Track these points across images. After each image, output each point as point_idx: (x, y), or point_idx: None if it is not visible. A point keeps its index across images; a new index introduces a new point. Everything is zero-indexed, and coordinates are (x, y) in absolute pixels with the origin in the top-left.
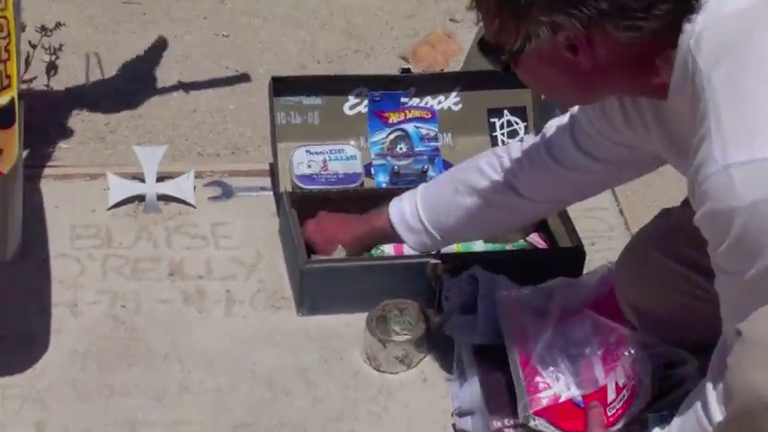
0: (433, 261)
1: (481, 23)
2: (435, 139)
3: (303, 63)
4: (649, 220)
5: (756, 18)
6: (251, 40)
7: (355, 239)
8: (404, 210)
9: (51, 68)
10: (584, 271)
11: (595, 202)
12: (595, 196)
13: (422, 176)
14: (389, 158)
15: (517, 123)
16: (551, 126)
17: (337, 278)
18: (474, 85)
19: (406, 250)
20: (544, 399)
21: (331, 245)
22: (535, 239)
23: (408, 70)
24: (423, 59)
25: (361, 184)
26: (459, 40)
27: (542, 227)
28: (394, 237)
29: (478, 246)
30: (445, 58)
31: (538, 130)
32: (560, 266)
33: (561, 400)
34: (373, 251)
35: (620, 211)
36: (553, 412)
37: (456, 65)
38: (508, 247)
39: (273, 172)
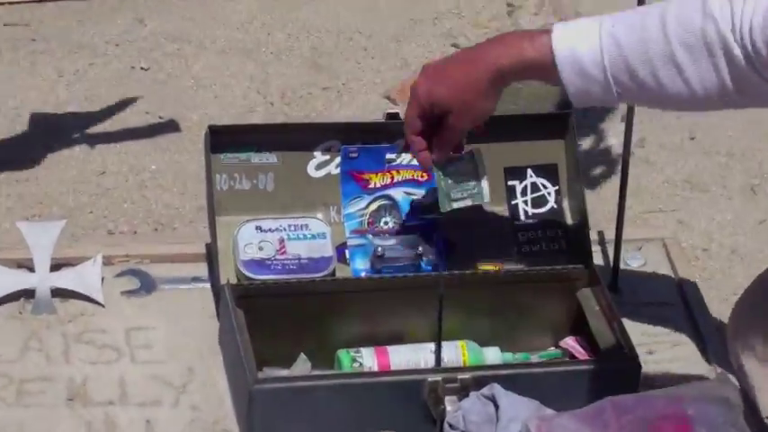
0: (432, 378)
1: None
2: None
3: (252, 106)
4: (728, 317)
5: None
6: (180, 76)
7: (493, 74)
8: (578, 44)
9: None
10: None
11: (655, 291)
12: (658, 287)
13: (415, 261)
14: (371, 237)
15: (545, 187)
16: None
17: (299, 403)
18: (489, 137)
19: (395, 363)
20: None
21: (466, 90)
22: (571, 345)
23: (396, 115)
24: None
25: (333, 273)
26: None
27: (579, 327)
28: (549, 75)
29: (492, 355)
30: None
31: (573, 193)
32: (606, 383)
33: None
34: (345, 361)
35: (687, 306)
36: None
37: None
38: (534, 357)
39: (211, 256)
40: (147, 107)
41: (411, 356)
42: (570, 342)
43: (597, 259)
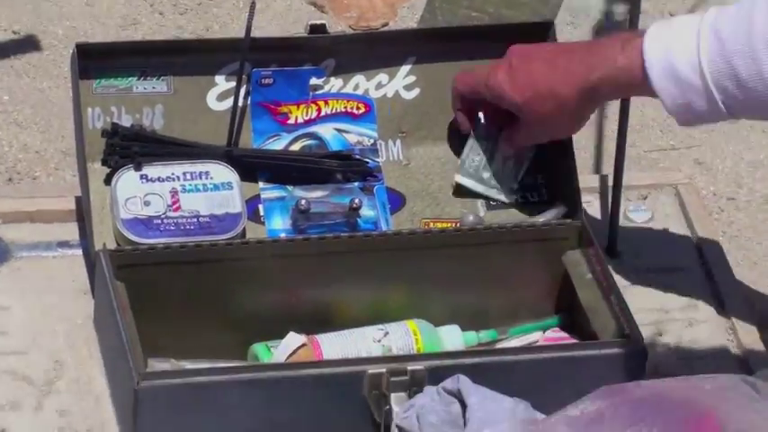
0: (373, 370)
1: None
2: (373, 150)
3: (135, 17)
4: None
5: None
6: None
7: (582, 93)
8: (672, 42)
9: None
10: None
11: (665, 254)
12: (669, 248)
13: (350, 218)
14: (291, 188)
15: None
16: None
17: (200, 404)
18: (443, 52)
19: (326, 353)
20: None
21: (545, 103)
22: (554, 339)
23: (323, 27)
24: (349, 8)
25: (242, 234)
26: None
27: (566, 301)
28: (642, 88)
29: (450, 336)
30: (390, 4)
31: None
32: (602, 373)
33: None
34: (258, 351)
35: (708, 273)
36: None
37: (409, 16)
38: (506, 340)
39: (83, 214)
40: None
41: (350, 349)
42: (552, 336)
43: (590, 213)
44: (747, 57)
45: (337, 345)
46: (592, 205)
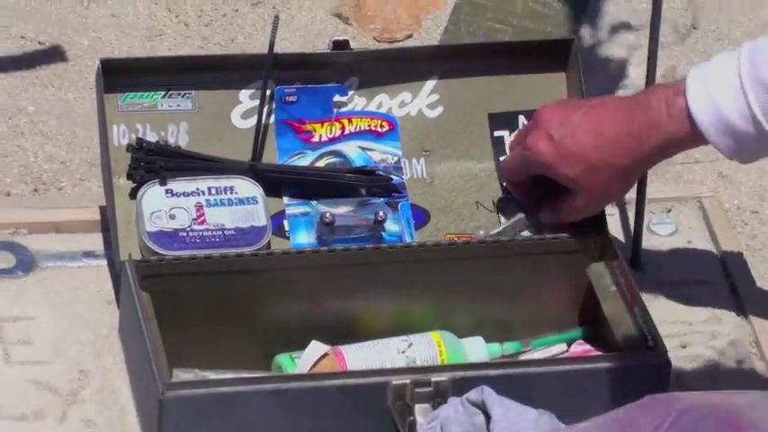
0: (398, 381)
1: None
2: (398, 168)
3: (160, 28)
4: None
5: None
6: None
7: (638, 163)
8: (720, 103)
9: None
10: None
11: (689, 267)
12: (692, 261)
13: (375, 231)
14: (315, 203)
15: None
16: None
17: (224, 415)
18: (465, 69)
19: (350, 364)
20: None
21: (601, 175)
22: (581, 352)
23: (346, 43)
24: (374, 19)
25: (268, 246)
26: None
27: (590, 313)
28: (700, 143)
29: (474, 348)
30: (414, 16)
31: None
32: (627, 386)
33: None
34: (282, 362)
35: (732, 286)
36: None
37: (435, 29)
38: (530, 352)
39: (108, 225)
40: (22, 30)
41: (374, 360)
42: (578, 349)
43: (613, 226)
44: None
45: (361, 356)
46: (615, 218)
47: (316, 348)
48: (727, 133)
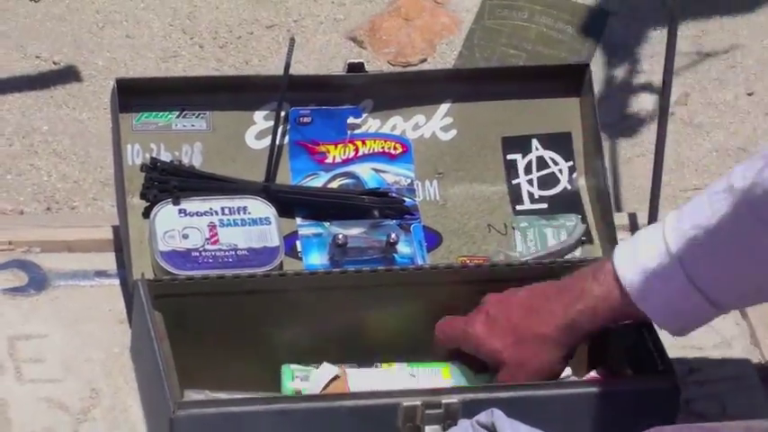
0: (408, 402)
1: None
2: (411, 190)
3: (175, 50)
4: None
5: None
6: (81, 9)
7: (563, 329)
8: (647, 265)
9: None
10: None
11: None
12: None
13: (387, 253)
14: (328, 224)
15: (555, 163)
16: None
17: None
18: (479, 93)
19: (353, 384)
20: None
21: (527, 347)
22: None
23: (361, 66)
24: (388, 43)
25: (280, 267)
26: (453, 8)
27: (600, 337)
28: (625, 311)
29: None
30: (429, 40)
31: (592, 170)
32: (635, 409)
33: None
34: (287, 384)
35: (741, 312)
36: None
37: (449, 53)
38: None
39: (120, 244)
40: (37, 49)
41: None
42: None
43: None
44: (728, 280)
45: (366, 382)
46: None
47: (327, 370)
48: (653, 291)
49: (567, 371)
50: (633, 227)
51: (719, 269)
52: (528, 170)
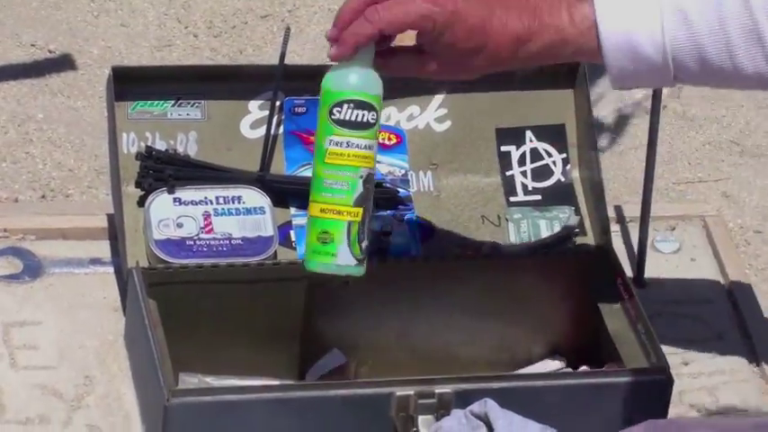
0: (401, 392)
1: None
2: (404, 181)
3: (169, 38)
4: None
5: None
6: None
7: (515, 49)
8: (632, 24)
9: None
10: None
11: (692, 285)
12: (695, 279)
13: (381, 244)
14: None
15: (549, 155)
16: None
17: (228, 422)
18: (473, 84)
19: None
20: None
21: (471, 38)
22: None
23: None
24: None
25: (274, 256)
26: None
27: (593, 330)
28: (588, 56)
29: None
30: None
31: (586, 162)
32: (629, 401)
33: None
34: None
35: (734, 305)
36: None
37: None
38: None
39: (116, 233)
40: (32, 38)
41: None
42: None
43: (617, 244)
44: (717, 39)
45: None
46: (619, 235)
47: (336, 357)
48: (628, 55)
49: (560, 363)
50: (623, 220)
51: (707, 68)
52: (522, 162)
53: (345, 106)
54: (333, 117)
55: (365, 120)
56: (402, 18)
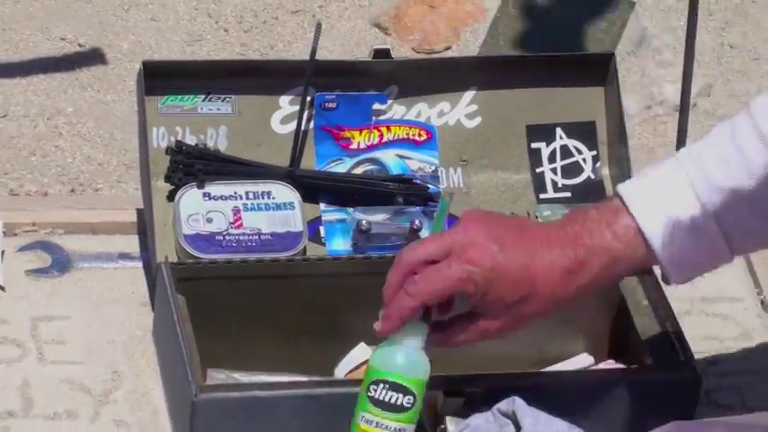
0: (431, 392)
1: None
2: (434, 177)
3: (200, 33)
4: None
5: None
6: None
7: (566, 277)
8: (677, 220)
9: None
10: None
11: (722, 287)
12: (724, 277)
13: (411, 240)
14: (352, 210)
15: (579, 152)
16: None
17: (257, 418)
18: (504, 81)
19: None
20: None
21: (522, 289)
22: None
23: (387, 52)
24: (413, 30)
25: (303, 252)
26: None
27: (622, 328)
28: (639, 262)
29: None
30: (453, 28)
31: (616, 159)
32: (657, 400)
33: None
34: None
35: (763, 303)
36: None
37: (473, 41)
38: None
39: (145, 227)
40: (62, 31)
41: None
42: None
43: None
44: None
45: None
46: None
47: (362, 352)
48: (680, 249)
49: (590, 360)
50: None
51: (755, 223)
52: (552, 159)
53: (381, 386)
54: (369, 394)
55: (399, 403)
56: (441, 286)
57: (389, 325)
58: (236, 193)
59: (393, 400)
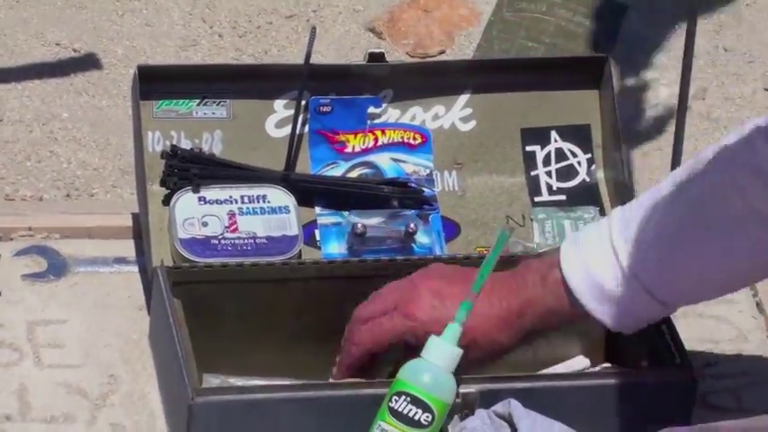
0: None
1: None
2: (429, 180)
3: (194, 38)
4: None
5: None
6: None
7: (503, 324)
8: (590, 262)
9: None
10: (695, 410)
11: None
12: None
13: (406, 243)
14: (347, 213)
15: (574, 155)
16: None
17: (254, 422)
18: (499, 84)
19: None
20: None
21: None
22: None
23: (382, 56)
24: (407, 34)
25: (299, 256)
26: (472, 0)
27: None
28: (572, 315)
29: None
30: (447, 32)
31: (611, 162)
32: (652, 401)
33: None
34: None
35: (758, 305)
36: None
37: (468, 45)
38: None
39: (141, 232)
40: (57, 37)
41: None
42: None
43: None
44: (673, 273)
45: None
46: None
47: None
48: (604, 298)
49: (585, 362)
50: None
51: (677, 275)
52: (547, 162)
53: (404, 398)
54: (390, 404)
55: (418, 418)
56: (380, 337)
57: (340, 371)
58: (231, 197)
59: (412, 414)
